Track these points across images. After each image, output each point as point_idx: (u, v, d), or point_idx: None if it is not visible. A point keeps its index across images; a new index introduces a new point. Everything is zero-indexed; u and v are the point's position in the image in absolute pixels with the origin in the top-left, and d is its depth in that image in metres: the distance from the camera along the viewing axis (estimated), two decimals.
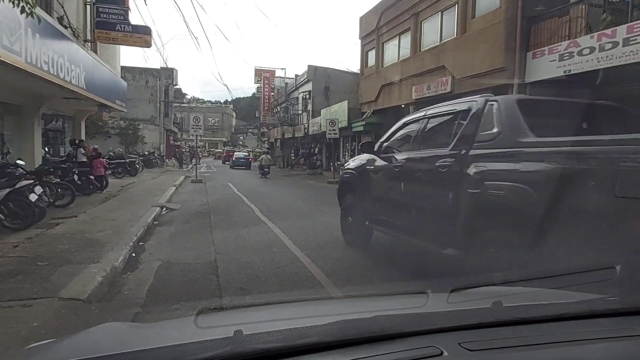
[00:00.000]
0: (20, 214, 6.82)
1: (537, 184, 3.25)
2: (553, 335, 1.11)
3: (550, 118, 4.26)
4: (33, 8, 4.85)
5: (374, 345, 1.00)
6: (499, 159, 3.72)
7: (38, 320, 3.35)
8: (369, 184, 5.90)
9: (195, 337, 1.02)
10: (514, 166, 3.54)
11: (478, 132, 4.03)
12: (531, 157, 3.43)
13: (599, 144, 3.08)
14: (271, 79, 39.57)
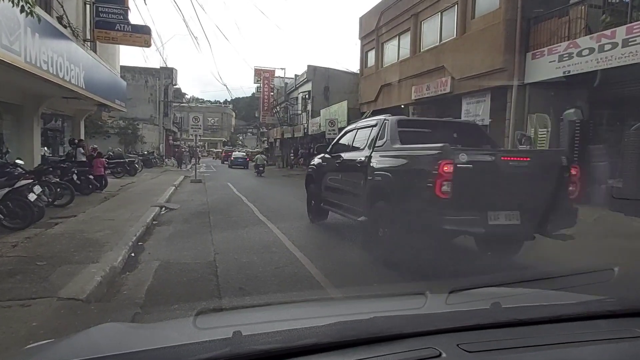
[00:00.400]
0: (19, 213, 6.82)
1: (394, 172, 5.39)
2: (551, 336, 1.11)
3: (418, 132, 6.18)
4: (33, 7, 4.85)
5: (372, 347, 1.01)
6: (383, 157, 5.70)
7: (37, 320, 3.34)
8: (322, 176, 7.80)
9: (194, 337, 1.02)
10: (387, 162, 5.58)
11: (377, 140, 6.00)
12: (394, 156, 5.53)
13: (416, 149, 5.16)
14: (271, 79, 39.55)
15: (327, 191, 7.53)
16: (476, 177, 4.52)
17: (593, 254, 6.48)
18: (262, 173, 23.87)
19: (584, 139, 10.40)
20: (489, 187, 4.63)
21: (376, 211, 5.58)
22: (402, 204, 5.07)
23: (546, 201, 4.73)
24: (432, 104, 15.93)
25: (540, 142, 11.26)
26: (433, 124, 7.18)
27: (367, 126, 6.65)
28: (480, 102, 13.03)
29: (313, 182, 8.30)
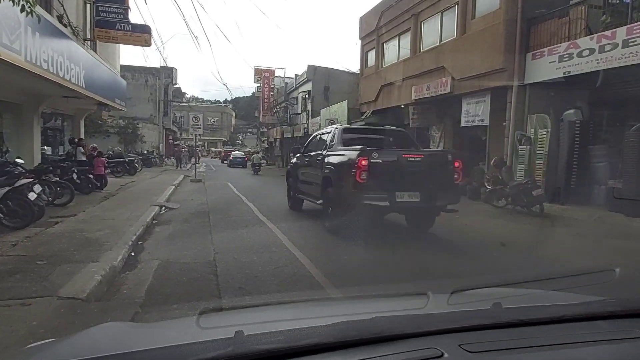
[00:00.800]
0: (19, 212, 6.81)
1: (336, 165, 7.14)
2: (552, 337, 1.11)
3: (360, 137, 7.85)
4: (33, 6, 4.85)
5: (374, 347, 1.01)
6: (331, 156, 7.55)
7: (37, 319, 3.34)
8: (296, 171, 9.64)
9: (197, 337, 1.02)
10: (333, 159, 7.38)
11: (329, 143, 8.01)
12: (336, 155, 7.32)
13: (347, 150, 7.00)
14: (271, 79, 39.53)
15: (300, 183, 9.39)
16: (385, 169, 6.45)
17: (593, 254, 6.50)
18: (258, 171, 25.41)
19: (584, 139, 10.41)
20: (396, 175, 6.49)
21: (326, 195, 7.46)
22: (339, 188, 6.96)
23: (437, 185, 6.71)
24: (432, 104, 15.93)
25: (540, 143, 11.27)
26: (372, 131, 9.06)
27: (326, 132, 8.77)
28: (480, 103, 13.03)
29: (291, 176, 10.23)
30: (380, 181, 6.42)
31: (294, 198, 9.86)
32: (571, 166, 10.48)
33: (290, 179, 10.21)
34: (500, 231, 8.17)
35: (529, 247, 6.83)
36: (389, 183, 6.48)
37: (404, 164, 6.59)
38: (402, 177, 6.53)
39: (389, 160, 6.56)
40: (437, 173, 6.80)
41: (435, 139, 16.80)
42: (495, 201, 10.81)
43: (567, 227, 8.41)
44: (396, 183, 6.50)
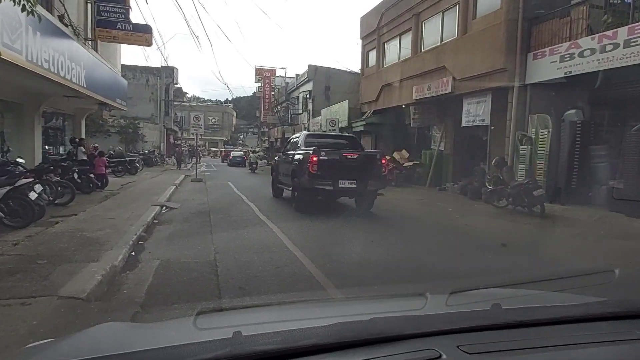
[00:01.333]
0: (20, 212, 6.81)
1: (299, 161, 9.39)
2: (551, 338, 1.11)
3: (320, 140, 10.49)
4: (34, 6, 4.85)
5: (372, 348, 1.00)
6: (297, 154, 9.67)
7: (37, 318, 3.34)
8: (278, 167, 12.21)
9: (194, 338, 1.02)
10: (298, 157, 9.57)
11: (297, 145, 10.35)
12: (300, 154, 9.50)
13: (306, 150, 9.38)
14: (272, 79, 39.54)
15: (280, 175, 11.74)
16: (330, 163, 8.85)
17: (594, 255, 6.48)
18: (255, 170, 27.46)
19: (585, 139, 10.39)
20: (338, 168, 8.88)
21: (293, 182, 9.80)
22: (300, 177, 9.25)
23: (369, 175, 9.05)
24: (433, 104, 15.92)
25: (541, 143, 11.25)
26: (329, 136, 13.36)
27: (297, 137, 11.52)
28: (481, 103, 13.02)
29: (274, 171, 12.93)
30: (327, 172, 8.86)
31: (275, 187, 12.42)
32: (572, 166, 10.46)
33: (274, 172, 12.87)
34: (500, 231, 8.16)
35: (530, 248, 6.83)
36: (333, 173, 8.91)
37: (344, 160, 9.09)
38: (343, 169, 8.98)
39: (333, 157, 9.04)
40: (368, 167, 9.22)
41: (436, 138, 16.79)
42: (496, 201, 10.81)
43: (568, 227, 8.40)
44: (338, 173, 8.94)
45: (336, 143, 10.73)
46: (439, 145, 16.36)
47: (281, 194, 11.79)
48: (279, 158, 12.35)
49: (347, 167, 8.99)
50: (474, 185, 12.87)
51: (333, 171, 8.86)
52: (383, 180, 9.61)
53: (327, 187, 8.94)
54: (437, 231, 8.35)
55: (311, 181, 8.90)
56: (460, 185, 14.02)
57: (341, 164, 8.96)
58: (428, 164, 16.66)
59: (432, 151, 16.81)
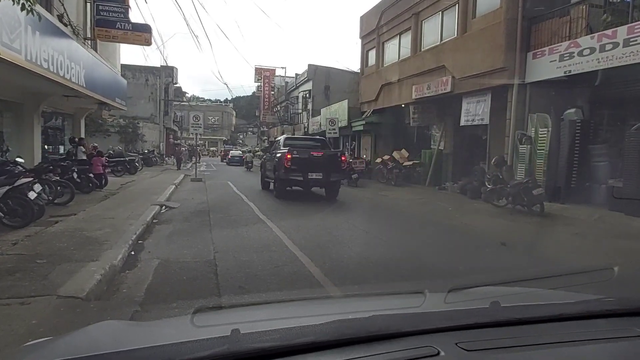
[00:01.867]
0: (19, 211, 6.81)
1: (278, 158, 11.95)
2: (550, 335, 1.11)
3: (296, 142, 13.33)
4: (33, 5, 4.85)
5: (370, 345, 1.00)
6: (277, 153, 12.29)
7: (36, 318, 3.34)
8: (265, 164, 14.39)
9: (193, 335, 1.02)
10: (278, 155, 12.11)
11: (277, 145, 13.33)
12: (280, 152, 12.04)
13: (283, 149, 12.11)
14: (271, 78, 39.52)
15: (266, 171, 14.08)
16: (301, 160, 11.23)
17: (593, 253, 6.49)
18: (251, 168, 29.00)
19: (584, 138, 10.40)
20: (307, 164, 11.25)
21: (274, 176, 12.18)
22: (279, 171, 11.62)
23: (331, 169, 11.53)
24: (433, 103, 15.92)
25: (540, 142, 11.25)
26: (304, 139, 16.62)
27: (280, 138, 14.36)
28: (481, 102, 13.02)
29: (262, 167, 15.40)
30: (299, 166, 11.33)
31: (263, 181, 14.75)
32: (572, 165, 10.46)
33: (262, 169, 15.48)
34: (500, 230, 8.17)
35: (529, 247, 6.83)
36: (303, 167, 11.36)
37: (312, 157, 11.57)
38: (311, 164, 11.44)
39: (303, 155, 11.53)
40: (331, 163, 11.79)
41: (435, 138, 16.79)
42: (495, 200, 10.81)
43: (567, 226, 8.40)
44: (308, 167, 11.39)
45: (308, 144, 13.13)
46: (438, 145, 16.36)
47: (268, 187, 13.86)
48: (266, 157, 15.25)
49: (314, 162, 11.52)
50: (474, 185, 12.87)
51: (303, 166, 11.39)
52: (343, 173, 12.63)
53: (299, 178, 11.51)
54: (437, 230, 8.36)
55: (286, 173, 11.45)
56: (460, 185, 14.03)
57: (310, 161, 11.50)
58: (428, 163, 16.66)
59: (431, 150, 16.81)
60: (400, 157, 17.58)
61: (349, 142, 24.42)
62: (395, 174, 16.67)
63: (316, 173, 11.48)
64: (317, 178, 11.57)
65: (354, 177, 16.89)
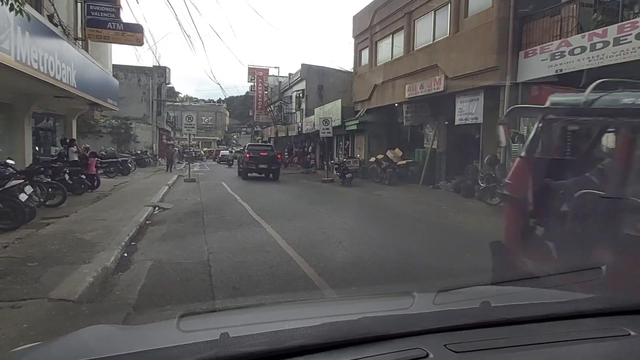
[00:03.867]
0: (10, 214, 6.75)
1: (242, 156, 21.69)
2: (540, 335, 1.11)
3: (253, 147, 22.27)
4: (22, 5, 4.80)
5: (359, 348, 1.00)
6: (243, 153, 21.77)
7: (28, 321, 3.32)
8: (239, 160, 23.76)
9: (182, 340, 1.01)
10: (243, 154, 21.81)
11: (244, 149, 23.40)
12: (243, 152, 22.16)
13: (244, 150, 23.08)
14: (265, 78, 39.39)
15: (239, 164, 22.70)
16: (255, 157, 19.46)
17: None
18: (231, 165, 32.39)
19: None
20: (258, 159, 19.39)
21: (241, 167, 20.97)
22: (242, 163, 20.90)
23: (272, 162, 19.49)
24: (426, 103, 15.97)
25: None
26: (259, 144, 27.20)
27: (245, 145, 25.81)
28: (474, 101, 13.07)
29: (239, 162, 23.18)
30: (252, 160, 19.28)
31: (238, 171, 22.26)
32: None
33: (239, 163, 23.00)
34: (493, 229, 8.20)
35: None
36: (255, 160, 19.27)
37: (260, 155, 19.43)
38: (260, 159, 19.26)
39: (256, 155, 19.48)
40: (272, 159, 19.52)
41: (429, 137, 16.84)
42: (489, 199, 10.87)
43: None
44: (258, 161, 19.23)
45: (260, 148, 21.32)
46: (432, 144, 16.41)
47: (246, 176, 19.90)
48: (239, 156, 25.62)
49: (262, 158, 19.42)
50: (467, 183, 12.93)
51: (256, 160, 19.43)
52: (278, 164, 20.35)
53: (253, 167, 19.49)
54: (431, 229, 8.39)
55: (246, 164, 19.85)
56: (454, 183, 14.09)
57: (259, 157, 19.46)
58: (421, 162, 16.71)
59: (425, 149, 16.86)
60: (394, 156, 17.62)
61: (342, 141, 24.43)
62: (389, 173, 16.71)
63: (262, 165, 19.27)
64: (263, 167, 19.31)
65: (348, 176, 16.92)
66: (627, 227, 2.81)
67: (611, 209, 2.83)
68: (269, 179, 19.23)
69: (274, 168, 19.35)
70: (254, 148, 20.81)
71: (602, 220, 2.95)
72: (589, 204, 2.96)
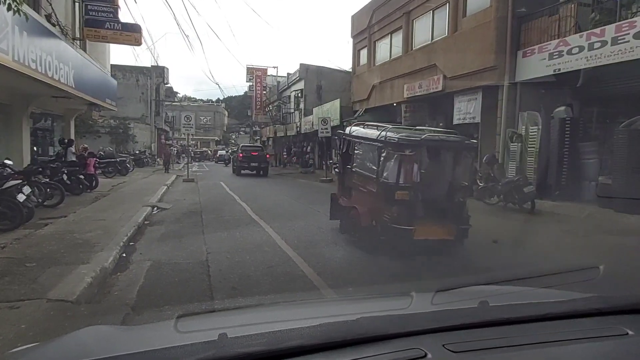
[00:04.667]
0: (8, 214, 6.73)
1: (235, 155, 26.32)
2: (537, 335, 1.11)
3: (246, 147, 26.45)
4: (20, 5, 4.79)
5: (357, 348, 1.00)
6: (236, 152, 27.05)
7: (26, 322, 3.31)
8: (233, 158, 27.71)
9: (180, 340, 1.01)
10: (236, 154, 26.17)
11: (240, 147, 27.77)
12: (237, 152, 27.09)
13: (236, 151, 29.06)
14: (263, 78, 39.36)
15: (233, 162, 26.01)
16: (246, 156, 22.83)
17: (584, 251, 6.55)
18: (227, 164, 33.68)
19: (574, 136, 10.50)
20: (250, 158, 22.72)
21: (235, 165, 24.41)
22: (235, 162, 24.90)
23: (262, 160, 22.95)
24: (425, 102, 15.97)
25: (531, 140, 11.34)
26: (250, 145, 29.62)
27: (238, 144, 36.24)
28: (472, 100, 13.08)
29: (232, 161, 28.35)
30: (245, 159, 22.59)
31: (233, 168, 24.92)
32: (562, 163, 10.56)
33: (232, 162, 26.46)
34: (491, 228, 8.21)
35: (521, 244, 6.88)
36: (247, 159, 22.50)
37: (251, 155, 22.82)
38: (252, 158, 22.54)
39: (247, 154, 22.93)
40: (262, 157, 23.03)
41: None
42: (487, 198, 10.87)
43: (558, 223, 8.48)
44: (250, 160, 22.48)
45: (252, 148, 24.69)
46: None
47: (240, 172, 22.45)
48: (233, 155, 29.07)
49: (253, 157, 22.47)
50: None
51: (247, 159, 22.42)
52: (267, 162, 23.72)
53: (245, 165, 22.31)
54: None
55: (239, 162, 22.84)
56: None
57: (251, 156, 22.55)
58: None
59: None
60: None
61: None
62: None
63: (254, 163, 22.34)
64: (254, 165, 22.30)
65: None
66: (368, 183, 6.32)
67: (364, 177, 6.55)
68: (264, 176, 22.45)
69: (263, 166, 22.72)
70: (247, 149, 24.34)
71: (359, 184, 6.71)
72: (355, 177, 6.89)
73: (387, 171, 5.83)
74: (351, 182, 6.98)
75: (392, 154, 5.79)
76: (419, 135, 6.05)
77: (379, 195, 5.94)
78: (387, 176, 5.81)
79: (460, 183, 6.10)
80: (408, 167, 5.63)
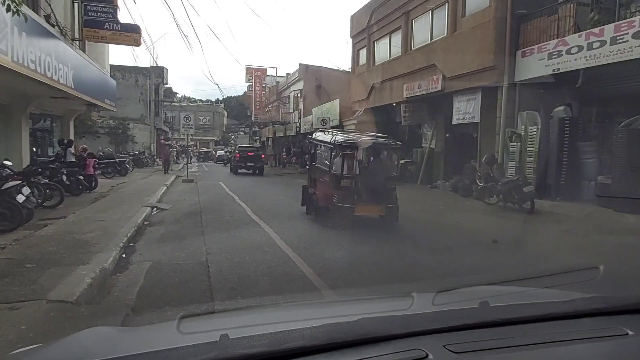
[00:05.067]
0: (7, 215, 6.73)
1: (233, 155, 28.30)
2: (538, 335, 1.12)
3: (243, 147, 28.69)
4: (19, 6, 4.79)
5: (359, 349, 1.00)
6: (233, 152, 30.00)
7: (26, 323, 3.31)
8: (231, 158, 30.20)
9: (181, 342, 1.01)
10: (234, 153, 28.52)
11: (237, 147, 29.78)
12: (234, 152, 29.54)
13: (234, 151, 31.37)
14: (262, 78, 39.40)
15: (231, 162, 28.21)
16: (243, 156, 24.55)
17: (583, 250, 6.56)
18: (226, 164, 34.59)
19: (573, 136, 10.50)
20: (246, 157, 24.42)
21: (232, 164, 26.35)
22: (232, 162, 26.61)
23: (258, 160, 24.47)
24: (424, 102, 15.98)
25: (530, 140, 11.35)
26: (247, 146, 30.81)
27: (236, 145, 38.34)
28: (472, 100, 13.09)
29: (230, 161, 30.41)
30: (242, 158, 24.33)
31: (230, 168, 26.60)
32: (561, 162, 10.56)
33: (230, 161, 28.21)
34: (491, 228, 8.23)
35: (520, 244, 6.89)
36: (244, 159, 24.24)
37: (248, 155, 24.44)
38: (248, 157, 24.17)
39: (244, 154, 24.53)
40: (257, 157, 24.41)
41: (427, 136, 16.85)
42: (486, 198, 10.88)
43: (558, 223, 8.49)
44: (246, 159, 24.15)
45: (248, 149, 26.04)
46: (430, 143, 16.43)
47: (237, 172, 24.14)
48: (232, 155, 29.50)
49: (249, 157, 23.94)
50: (465, 183, 12.95)
51: (244, 159, 23.90)
52: (262, 162, 24.74)
53: (242, 164, 23.76)
54: (429, 229, 8.40)
55: (236, 162, 24.54)
56: (452, 183, 14.11)
57: (247, 156, 23.99)
58: (419, 161, 16.72)
59: (423, 149, 16.87)
60: None
61: None
62: None
63: (250, 162, 23.80)
64: (250, 165, 23.75)
65: None
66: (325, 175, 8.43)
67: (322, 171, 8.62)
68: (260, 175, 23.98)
69: (259, 165, 24.32)
70: (243, 149, 25.95)
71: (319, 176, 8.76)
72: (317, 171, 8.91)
73: (335, 165, 7.92)
74: (315, 175, 8.99)
75: (339, 153, 7.87)
76: (357, 138, 8.24)
77: (330, 183, 7.98)
78: (336, 169, 7.90)
79: (389, 174, 8.33)
80: (349, 162, 7.81)
